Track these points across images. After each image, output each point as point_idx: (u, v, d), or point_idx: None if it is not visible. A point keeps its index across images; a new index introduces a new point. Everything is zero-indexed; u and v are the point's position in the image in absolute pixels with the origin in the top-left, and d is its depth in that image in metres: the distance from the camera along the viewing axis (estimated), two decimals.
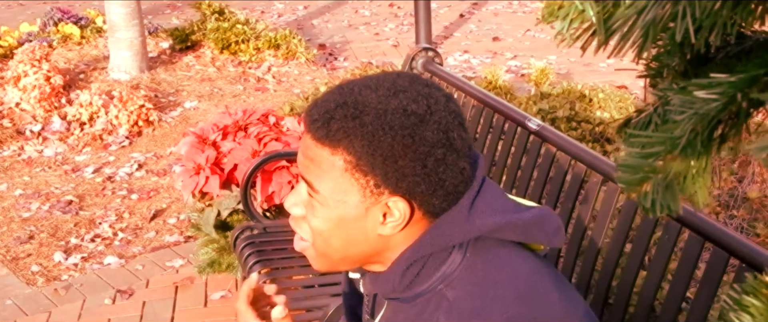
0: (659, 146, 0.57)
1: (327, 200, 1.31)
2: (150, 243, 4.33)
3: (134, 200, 4.83)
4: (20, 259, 4.19)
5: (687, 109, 0.56)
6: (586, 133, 4.26)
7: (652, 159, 0.57)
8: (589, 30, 0.56)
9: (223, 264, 3.50)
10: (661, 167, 0.57)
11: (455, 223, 1.31)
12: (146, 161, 5.37)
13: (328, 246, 1.35)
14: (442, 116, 1.28)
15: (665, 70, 0.67)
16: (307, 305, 2.81)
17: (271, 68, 6.99)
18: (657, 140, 0.57)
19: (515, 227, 1.34)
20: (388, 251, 1.35)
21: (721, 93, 0.54)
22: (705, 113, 0.54)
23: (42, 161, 5.40)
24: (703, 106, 0.54)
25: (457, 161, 1.29)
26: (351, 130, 1.25)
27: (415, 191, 1.28)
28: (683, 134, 0.55)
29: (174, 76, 6.81)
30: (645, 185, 0.58)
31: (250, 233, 3.22)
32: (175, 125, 5.90)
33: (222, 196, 3.53)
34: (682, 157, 0.56)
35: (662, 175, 0.57)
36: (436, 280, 1.33)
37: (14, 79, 6.00)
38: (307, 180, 1.33)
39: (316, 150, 1.29)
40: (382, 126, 1.24)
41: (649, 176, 0.57)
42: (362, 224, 1.32)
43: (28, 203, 4.80)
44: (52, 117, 5.84)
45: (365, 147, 1.25)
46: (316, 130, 1.28)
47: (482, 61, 7.29)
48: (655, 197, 0.58)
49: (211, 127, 3.73)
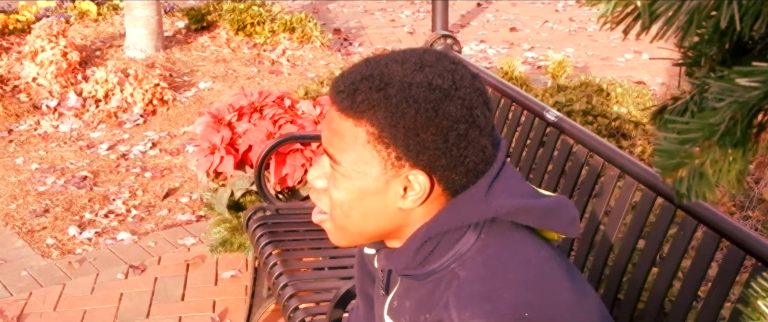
0: (697, 133, 0.58)
1: (349, 171, 1.32)
2: (162, 221, 4.36)
3: (148, 177, 4.85)
4: (36, 231, 4.22)
5: (727, 96, 0.56)
6: (602, 127, 4.26)
7: (689, 145, 0.58)
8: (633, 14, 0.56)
9: (235, 244, 3.52)
10: (697, 154, 0.58)
11: (472, 202, 1.32)
12: (160, 139, 5.39)
13: (347, 219, 1.36)
14: (466, 93, 1.29)
15: (703, 59, 0.68)
16: (317, 287, 2.82)
17: (285, 51, 7.00)
18: (695, 127, 0.58)
19: (531, 211, 1.35)
20: (406, 227, 1.37)
21: (763, 81, 0.54)
22: (745, 101, 0.55)
23: (57, 136, 5.42)
24: (743, 94, 0.55)
25: (479, 138, 1.30)
26: (375, 101, 1.26)
27: (436, 165, 1.29)
28: (722, 121, 0.56)
29: (189, 56, 6.82)
30: (681, 171, 0.59)
31: (262, 214, 3.23)
32: (189, 105, 5.92)
33: (236, 176, 3.55)
34: (720, 144, 0.57)
35: (698, 161, 0.58)
36: (450, 258, 1.34)
37: (31, 54, 6.02)
38: (329, 153, 1.34)
39: (340, 122, 1.31)
40: (406, 99, 1.25)
41: (685, 162, 0.58)
42: (382, 196, 1.33)
43: (44, 177, 4.83)
44: (68, 93, 5.86)
45: (388, 119, 1.26)
46: (340, 102, 1.29)
47: (498, 52, 7.28)
48: (691, 183, 0.59)
49: (226, 107, 3.74)
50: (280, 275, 2.82)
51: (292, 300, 2.68)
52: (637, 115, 4.55)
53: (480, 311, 1.26)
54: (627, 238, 2.27)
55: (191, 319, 3.50)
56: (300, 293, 2.73)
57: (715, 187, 0.59)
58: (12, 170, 4.94)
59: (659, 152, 0.61)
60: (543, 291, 1.31)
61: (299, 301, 2.68)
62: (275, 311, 3.39)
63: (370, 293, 1.67)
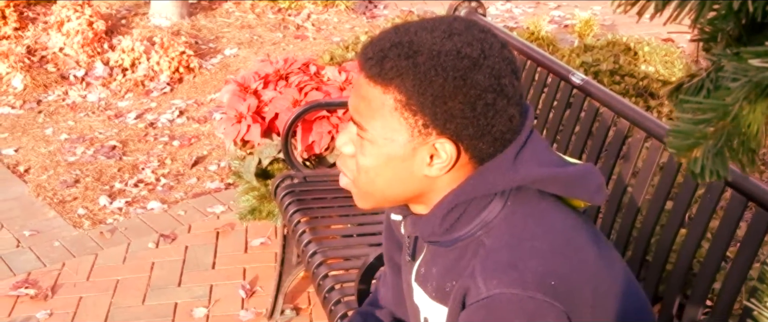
0: (711, 113, 0.58)
1: (376, 138, 1.33)
2: (191, 189, 4.39)
3: (176, 146, 4.88)
4: (67, 202, 4.27)
5: (741, 76, 0.56)
6: (629, 87, 4.22)
7: (703, 125, 0.58)
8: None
9: (264, 212, 3.54)
10: (712, 134, 0.58)
11: (499, 170, 1.33)
12: (187, 107, 5.42)
13: (372, 184, 1.37)
14: (495, 62, 1.29)
15: (719, 35, 0.67)
16: (346, 254, 2.84)
17: (310, 16, 6.98)
18: (709, 107, 0.58)
19: (557, 180, 1.35)
20: (432, 193, 1.37)
21: None
22: (759, 81, 0.55)
23: (85, 105, 5.46)
24: (757, 74, 0.55)
25: (506, 107, 1.30)
26: (403, 69, 1.27)
27: (463, 133, 1.29)
28: (736, 101, 0.56)
29: (214, 23, 6.82)
30: (695, 151, 0.59)
31: (290, 181, 3.25)
32: (215, 72, 5.93)
33: (263, 144, 3.56)
34: (734, 124, 0.57)
35: (713, 141, 0.58)
36: (476, 226, 1.35)
37: (57, 24, 6.06)
38: (356, 120, 1.35)
39: (368, 89, 1.32)
40: (435, 67, 1.26)
41: (699, 142, 0.58)
42: (409, 164, 1.34)
43: (74, 147, 4.87)
44: (95, 62, 5.89)
45: (416, 86, 1.27)
46: (369, 69, 1.30)
47: (525, 11, 7.23)
48: (705, 163, 0.59)
49: (252, 75, 3.75)
50: (309, 243, 2.84)
51: (321, 268, 2.70)
52: (664, 74, 4.51)
53: (506, 280, 1.26)
54: (654, 199, 2.26)
55: (222, 287, 3.54)
56: (328, 261, 2.75)
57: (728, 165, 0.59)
58: (42, 140, 4.99)
59: (674, 133, 0.61)
60: (569, 259, 1.31)
61: (328, 269, 2.69)
62: (305, 277, 3.42)
63: (397, 260, 1.68)
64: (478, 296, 1.28)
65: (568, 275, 1.30)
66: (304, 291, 3.46)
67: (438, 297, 1.41)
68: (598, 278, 1.33)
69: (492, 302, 1.26)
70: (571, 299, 1.27)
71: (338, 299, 2.55)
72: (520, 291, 1.25)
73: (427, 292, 1.45)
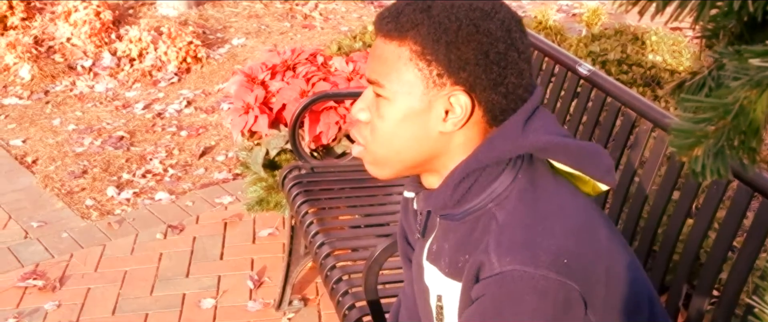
0: (711, 112, 0.58)
1: (392, 93, 1.35)
2: (199, 180, 4.40)
3: (183, 136, 4.89)
4: (75, 193, 4.29)
5: (741, 75, 0.56)
6: (637, 76, 4.21)
7: (704, 124, 0.58)
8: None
9: (271, 202, 3.54)
10: (712, 132, 0.58)
11: (510, 136, 1.35)
12: (195, 97, 5.43)
13: (388, 146, 1.38)
14: (505, 16, 1.34)
15: (721, 32, 0.67)
16: (354, 245, 2.84)
17: (318, 5, 6.98)
18: (709, 105, 0.58)
19: (567, 149, 1.37)
20: (446, 157, 1.38)
21: None
22: (759, 80, 0.55)
23: (93, 96, 5.48)
24: (757, 74, 0.55)
25: (517, 61, 1.34)
26: (418, 20, 1.31)
27: (476, 83, 1.32)
28: (736, 101, 0.56)
29: (222, 13, 6.82)
30: (696, 150, 0.59)
31: (297, 172, 3.25)
32: (223, 62, 5.94)
33: (270, 135, 3.56)
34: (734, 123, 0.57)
35: (713, 140, 0.58)
36: (486, 197, 1.36)
37: (65, 14, 6.07)
38: (373, 80, 1.37)
39: (384, 47, 1.35)
40: (449, 15, 1.30)
41: (700, 141, 0.58)
42: (424, 120, 1.35)
43: (81, 138, 4.88)
44: (103, 53, 5.90)
45: (431, 34, 1.30)
46: (385, 26, 1.34)
47: (532, 0, 7.21)
48: (706, 162, 0.59)
49: (259, 66, 3.75)
50: (317, 234, 2.84)
51: (328, 259, 2.71)
52: (672, 63, 4.50)
53: (520, 257, 1.27)
54: (661, 190, 2.26)
55: (230, 278, 3.55)
56: (336, 252, 2.75)
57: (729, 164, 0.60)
58: (49, 131, 5.00)
59: (675, 132, 0.61)
60: (582, 237, 1.33)
61: (336, 260, 2.70)
62: (313, 268, 3.43)
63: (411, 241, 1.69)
64: (491, 272, 1.29)
65: (582, 253, 1.31)
66: (312, 282, 3.47)
67: (451, 273, 1.42)
68: (610, 257, 1.35)
69: (504, 278, 1.28)
70: (585, 278, 1.29)
71: (346, 290, 2.56)
72: (533, 269, 1.26)
73: (440, 269, 1.45)
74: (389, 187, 3.25)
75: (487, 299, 1.30)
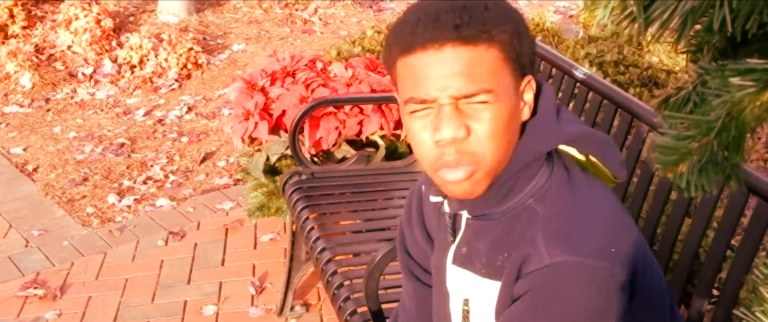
0: (695, 129, 0.59)
1: (500, 94, 1.32)
2: (200, 186, 4.41)
3: (184, 142, 4.91)
4: (75, 201, 4.30)
5: (723, 93, 0.57)
6: (634, 77, 4.23)
7: (687, 141, 0.59)
8: (630, 17, 0.57)
9: (272, 208, 3.56)
10: (696, 149, 0.59)
11: (546, 126, 1.38)
12: (195, 103, 5.44)
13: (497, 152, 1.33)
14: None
15: (705, 47, 0.69)
16: (355, 250, 2.85)
17: (317, 10, 6.99)
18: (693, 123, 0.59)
19: (594, 138, 1.41)
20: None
21: (755, 80, 0.55)
22: (740, 99, 0.56)
23: (94, 103, 5.49)
24: (738, 92, 0.56)
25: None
26: (489, 18, 1.31)
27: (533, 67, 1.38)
28: (718, 118, 0.57)
29: (222, 19, 6.84)
30: (681, 166, 0.60)
31: (298, 178, 3.26)
32: (223, 68, 5.95)
33: (271, 141, 3.58)
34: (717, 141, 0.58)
35: (697, 157, 0.59)
36: (527, 194, 1.38)
37: (66, 22, 6.08)
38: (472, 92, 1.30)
39: (468, 54, 1.29)
40: (505, 9, 1.34)
41: (685, 158, 0.59)
42: (517, 115, 1.37)
43: (82, 145, 4.90)
44: (103, 60, 5.92)
45: (507, 32, 1.32)
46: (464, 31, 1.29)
47: (529, 2, 7.22)
48: (690, 178, 0.60)
49: (259, 72, 3.76)
50: (318, 240, 2.85)
51: (329, 264, 2.72)
52: (668, 63, 4.51)
53: (570, 248, 1.30)
54: (659, 190, 2.28)
55: (232, 284, 3.56)
56: (337, 257, 2.76)
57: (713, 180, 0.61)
58: (50, 139, 5.02)
59: (659, 149, 0.62)
60: (621, 227, 1.36)
61: (337, 265, 2.71)
62: (314, 273, 3.43)
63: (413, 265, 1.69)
64: (539, 264, 1.31)
65: (624, 242, 1.34)
66: (314, 287, 3.48)
67: (489, 273, 1.42)
68: (642, 246, 1.39)
69: (556, 269, 1.29)
70: (628, 266, 1.32)
71: (347, 295, 2.57)
72: (583, 259, 1.29)
73: (474, 270, 1.44)
74: (390, 191, 3.27)
75: (536, 291, 1.31)
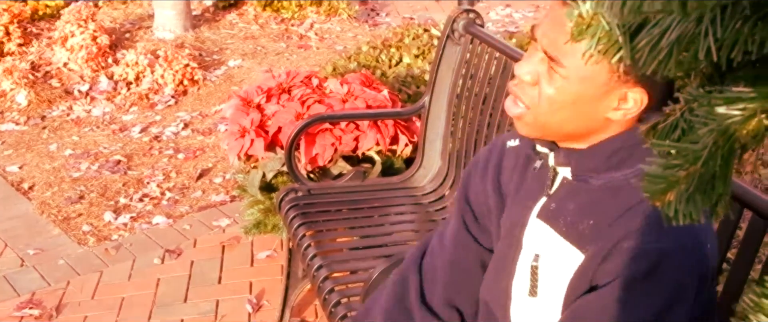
0: (682, 158, 0.59)
1: (572, 75, 1.34)
2: (197, 202, 4.41)
3: (181, 159, 4.90)
4: (71, 219, 4.29)
5: (710, 121, 0.57)
6: None
7: (675, 170, 0.59)
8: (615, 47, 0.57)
9: (269, 225, 3.55)
10: (683, 178, 0.59)
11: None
12: (192, 120, 5.44)
13: (552, 115, 1.38)
14: None
15: (693, 73, 0.68)
16: (352, 267, 2.85)
17: (313, 25, 7.01)
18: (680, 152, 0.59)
19: None
20: (599, 133, 1.40)
21: (741, 109, 0.55)
22: (724, 128, 0.56)
23: (90, 120, 5.49)
24: (724, 121, 0.56)
25: None
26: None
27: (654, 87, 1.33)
28: (705, 147, 0.57)
29: (218, 35, 6.85)
30: (668, 195, 0.60)
31: (294, 195, 3.26)
32: (220, 84, 5.96)
33: (267, 158, 3.58)
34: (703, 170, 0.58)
35: (684, 186, 0.59)
36: (634, 171, 1.38)
37: (62, 39, 6.09)
38: (551, 55, 1.34)
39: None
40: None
41: (672, 186, 0.59)
42: (596, 105, 1.36)
43: (78, 162, 4.89)
44: (100, 77, 5.92)
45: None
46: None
47: (524, 15, 7.24)
48: (678, 207, 0.60)
49: (255, 89, 3.77)
50: (314, 257, 2.85)
51: (326, 282, 2.71)
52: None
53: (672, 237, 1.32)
54: None
55: (229, 302, 3.55)
56: (334, 275, 2.76)
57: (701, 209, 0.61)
58: (46, 156, 5.01)
59: (648, 177, 0.62)
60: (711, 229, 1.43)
61: (333, 283, 2.70)
62: (312, 290, 3.43)
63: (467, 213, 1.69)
64: (638, 247, 1.32)
65: (713, 241, 1.39)
66: (311, 304, 3.48)
67: (569, 234, 1.43)
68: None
69: (654, 254, 1.32)
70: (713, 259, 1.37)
71: (344, 313, 2.56)
72: (680, 249, 1.31)
73: (556, 228, 1.46)
74: (386, 207, 3.27)
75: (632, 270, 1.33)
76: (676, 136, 0.65)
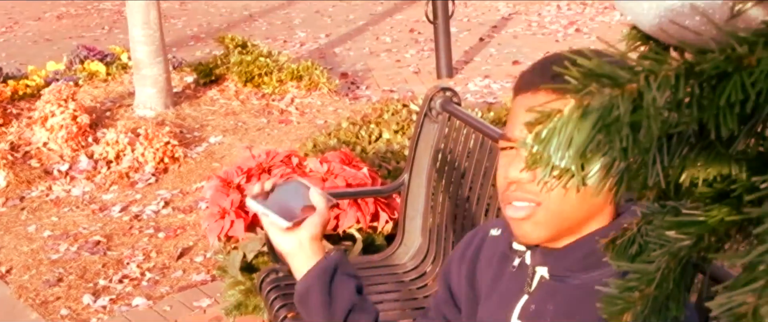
0: (636, 280, 0.60)
1: None
2: (177, 282, 4.38)
3: (161, 238, 4.89)
4: (49, 302, 4.25)
5: (663, 244, 0.59)
6: None
7: (631, 292, 0.60)
8: (569, 174, 0.59)
9: (250, 306, 3.53)
10: (638, 299, 0.60)
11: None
12: (172, 197, 5.43)
13: (565, 202, 1.34)
14: None
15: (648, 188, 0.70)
16: None
17: (294, 100, 7.05)
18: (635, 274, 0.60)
19: None
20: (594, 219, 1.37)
21: (689, 233, 0.57)
22: (676, 251, 0.57)
23: (70, 200, 5.47)
24: (674, 244, 0.58)
25: None
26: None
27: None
28: (658, 269, 0.59)
29: (198, 111, 6.88)
30: (626, 316, 0.61)
31: (275, 275, 3.25)
32: (201, 161, 5.97)
33: (247, 238, 3.58)
34: (657, 292, 0.59)
35: (640, 307, 0.60)
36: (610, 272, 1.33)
37: (41, 119, 6.10)
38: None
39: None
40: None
41: (629, 307, 0.61)
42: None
43: (57, 244, 4.87)
44: (80, 156, 5.92)
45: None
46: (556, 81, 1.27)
47: (503, 86, 7.32)
48: None
49: (235, 170, 3.78)
50: None
51: None
52: None
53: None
54: None
55: None
56: None
57: None
58: (24, 238, 4.98)
59: (605, 299, 0.63)
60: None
61: None
62: None
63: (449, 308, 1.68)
64: None
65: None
66: None
67: None
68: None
69: None
70: None
71: None
72: None
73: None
74: (367, 286, 3.24)
75: None
76: (633, 252, 0.66)
